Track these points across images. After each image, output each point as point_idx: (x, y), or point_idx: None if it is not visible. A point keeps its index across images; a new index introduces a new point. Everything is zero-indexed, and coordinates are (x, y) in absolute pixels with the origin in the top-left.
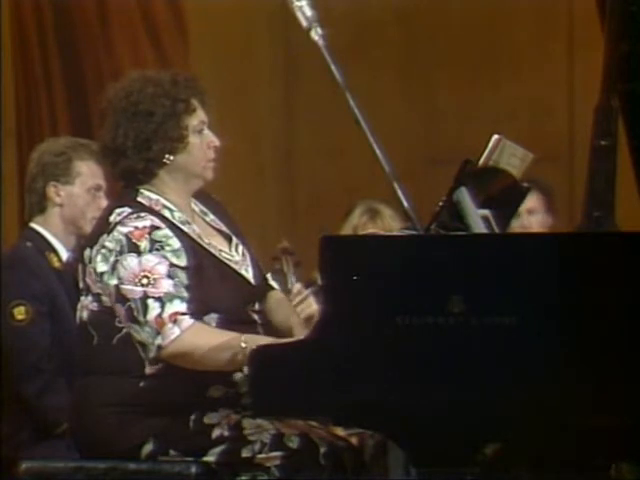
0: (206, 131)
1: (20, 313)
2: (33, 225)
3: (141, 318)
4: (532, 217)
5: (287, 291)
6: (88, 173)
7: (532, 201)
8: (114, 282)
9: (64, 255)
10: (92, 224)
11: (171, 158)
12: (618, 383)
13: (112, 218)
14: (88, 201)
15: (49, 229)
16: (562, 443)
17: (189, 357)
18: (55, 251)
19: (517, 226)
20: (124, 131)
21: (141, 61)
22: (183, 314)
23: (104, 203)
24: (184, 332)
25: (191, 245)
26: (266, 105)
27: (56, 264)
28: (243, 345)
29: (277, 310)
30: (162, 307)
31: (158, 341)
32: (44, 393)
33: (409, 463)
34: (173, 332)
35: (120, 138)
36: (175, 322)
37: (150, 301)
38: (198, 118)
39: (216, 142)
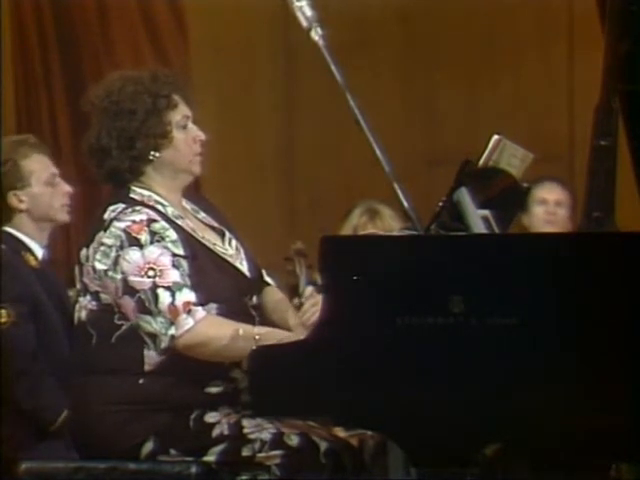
0: (191, 125)
1: (2, 316)
2: (5, 228)
3: (153, 308)
4: (559, 209)
5: (299, 293)
6: (38, 168)
7: (559, 193)
8: (119, 277)
9: (39, 253)
10: (64, 210)
11: (157, 155)
12: (618, 383)
13: (106, 215)
14: (50, 194)
15: (20, 231)
16: (562, 443)
17: (202, 348)
18: (30, 250)
19: (542, 212)
20: (107, 131)
21: (141, 61)
22: (195, 304)
23: (66, 187)
24: (198, 323)
25: (186, 237)
26: (266, 105)
27: (32, 263)
28: (257, 337)
29: (276, 310)
30: (173, 296)
31: (171, 331)
32: (31, 394)
33: (409, 463)
34: (187, 323)
35: (104, 138)
36: (189, 313)
37: (160, 290)
38: (181, 113)
39: (202, 136)
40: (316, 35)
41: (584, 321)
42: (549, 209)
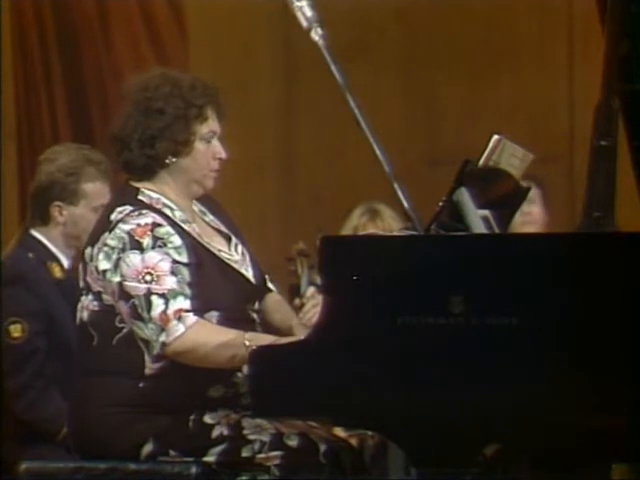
0: (215, 141)
1: (16, 331)
2: (34, 233)
3: (145, 315)
4: (534, 207)
5: (301, 294)
6: (94, 194)
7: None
8: (117, 279)
9: (66, 263)
10: None
11: (173, 160)
12: (618, 383)
13: (113, 216)
14: (91, 219)
15: (50, 239)
16: (562, 443)
17: (193, 354)
18: (57, 260)
19: (517, 215)
20: (134, 124)
21: (141, 61)
22: (187, 311)
23: None
24: (188, 329)
25: (192, 243)
26: (266, 105)
27: (58, 274)
28: (247, 343)
29: (276, 311)
30: (166, 304)
31: (162, 338)
32: (35, 406)
33: (409, 463)
34: (178, 329)
35: (128, 130)
36: (180, 319)
37: (154, 298)
38: (209, 127)
39: (223, 154)
40: (316, 35)
41: (584, 321)
42: (526, 209)
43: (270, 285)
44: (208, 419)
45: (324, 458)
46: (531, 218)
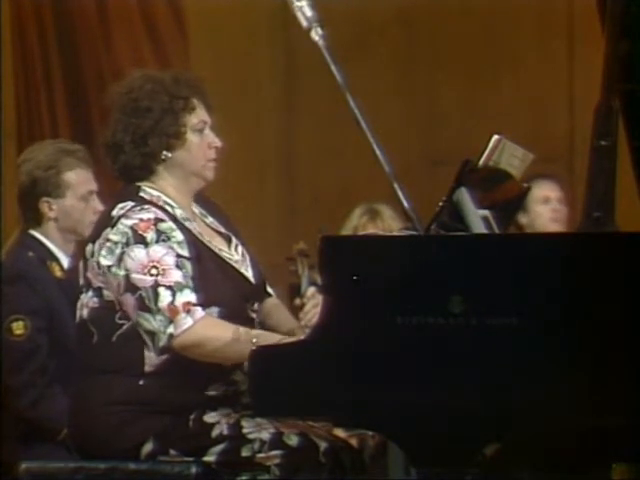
0: (207, 131)
1: (19, 328)
2: (33, 233)
3: (152, 306)
4: (562, 206)
5: (301, 294)
6: (78, 182)
7: (559, 191)
8: (122, 273)
9: (65, 263)
10: (90, 227)
11: (169, 155)
12: (618, 383)
13: (115, 212)
14: (82, 209)
15: (48, 238)
16: (562, 443)
17: (200, 349)
18: (57, 259)
19: (548, 211)
20: (123, 127)
21: (141, 61)
22: (195, 305)
23: (99, 206)
24: (197, 323)
25: (192, 240)
26: (266, 105)
27: (58, 273)
28: (254, 340)
29: (272, 314)
30: (173, 295)
31: (170, 330)
32: (38, 403)
33: (409, 463)
34: (186, 322)
35: (119, 134)
36: (188, 312)
37: (161, 289)
38: (198, 117)
39: (217, 143)
40: (316, 35)
41: (584, 321)
42: (554, 207)
43: (270, 290)
44: (208, 418)
45: (324, 458)
46: (560, 216)
